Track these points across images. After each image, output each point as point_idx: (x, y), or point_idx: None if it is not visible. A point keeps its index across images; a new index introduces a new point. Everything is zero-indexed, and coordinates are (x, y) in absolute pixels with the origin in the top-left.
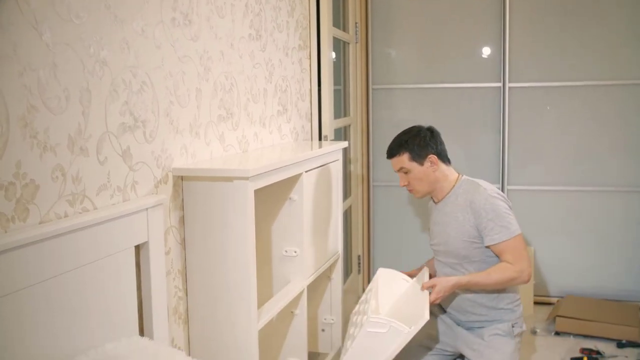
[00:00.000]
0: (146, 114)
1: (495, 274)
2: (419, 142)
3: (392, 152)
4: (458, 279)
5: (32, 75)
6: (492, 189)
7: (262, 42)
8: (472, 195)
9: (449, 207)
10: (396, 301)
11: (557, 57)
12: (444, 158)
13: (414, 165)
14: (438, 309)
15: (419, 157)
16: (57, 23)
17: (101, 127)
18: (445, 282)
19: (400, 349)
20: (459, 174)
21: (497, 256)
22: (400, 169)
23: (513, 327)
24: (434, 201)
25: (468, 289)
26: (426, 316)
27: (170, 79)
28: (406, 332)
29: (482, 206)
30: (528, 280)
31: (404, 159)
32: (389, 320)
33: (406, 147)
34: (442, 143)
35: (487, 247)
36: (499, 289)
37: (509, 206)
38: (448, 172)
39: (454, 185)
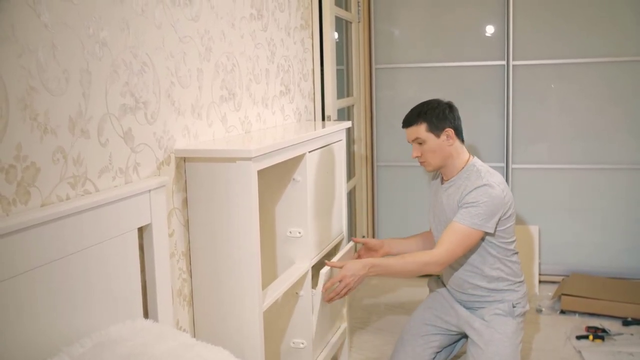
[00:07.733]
0: (147, 95)
1: (409, 257)
2: (437, 114)
3: (410, 121)
4: (371, 259)
5: (31, 56)
6: (494, 180)
7: (264, 21)
8: (471, 183)
9: (452, 189)
10: None
11: (561, 35)
12: (459, 134)
13: (430, 137)
14: (435, 283)
15: (436, 128)
16: (55, 2)
17: (102, 109)
18: (352, 263)
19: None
20: (470, 155)
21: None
22: (415, 139)
23: (514, 307)
24: (441, 180)
25: (383, 270)
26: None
27: (171, 59)
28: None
29: (468, 192)
30: (435, 271)
31: (421, 129)
32: None
33: (424, 117)
34: (459, 119)
35: None
36: (498, 275)
37: (504, 200)
38: (461, 151)
39: (463, 167)
